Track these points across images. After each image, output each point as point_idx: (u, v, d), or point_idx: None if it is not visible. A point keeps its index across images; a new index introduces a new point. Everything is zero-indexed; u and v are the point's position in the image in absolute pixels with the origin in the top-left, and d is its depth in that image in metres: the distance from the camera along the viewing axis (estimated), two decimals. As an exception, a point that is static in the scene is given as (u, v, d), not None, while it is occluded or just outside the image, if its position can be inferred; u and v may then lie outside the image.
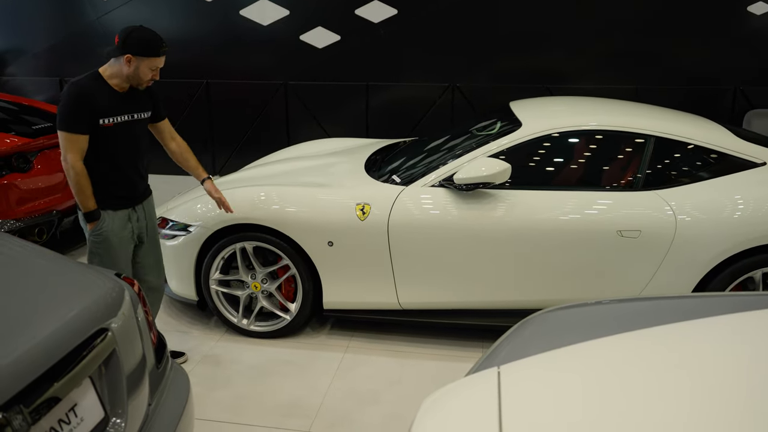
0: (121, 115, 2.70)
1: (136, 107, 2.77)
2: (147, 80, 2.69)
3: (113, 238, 2.76)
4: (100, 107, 2.62)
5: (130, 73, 2.64)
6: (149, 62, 2.64)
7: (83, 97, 2.59)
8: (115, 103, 2.68)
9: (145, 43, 2.62)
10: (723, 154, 3.12)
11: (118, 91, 2.70)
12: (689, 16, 5.52)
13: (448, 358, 3.24)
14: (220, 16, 6.30)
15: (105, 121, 2.64)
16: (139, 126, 2.82)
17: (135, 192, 2.85)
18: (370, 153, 3.93)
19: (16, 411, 1.23)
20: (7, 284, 1.65)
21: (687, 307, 1.76)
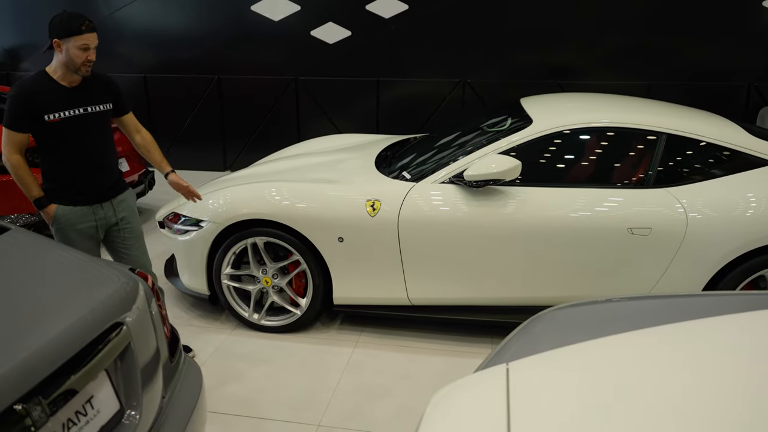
0: (69, 110, 2.67)
1: (88, 100, 2.73)
2: (82, 62, 2.61)
3: (71, 232, 2.78)
4: (42, 103, 2.61)
5: (65, 59, 2.62)
6: (75, 41, 2.58)
7: (24, 95, 2.60)
8: (61, 98, 2.66)
9: (65, 22, 2.59)
10: (735, 152, 3.11)
11: (65, 85, 2.68)
12: (702, 12, 5.48)
13: (458, 354, 3.25)
14: (232, 11, 6.33)
15: (50, 117, 2.62)
16: (94, 120, 2.76)
17: (97, 188, 2.82)
18: (380, 149, 3.94)
19: (35, 402, 1.26)
20: (24, 279, 1.69)
21: (697, 306, 1.76)
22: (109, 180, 2.88)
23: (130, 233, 2.96)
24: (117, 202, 2.90)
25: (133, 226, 2.99)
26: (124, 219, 2.93)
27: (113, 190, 2.90)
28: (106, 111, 2.83)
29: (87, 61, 2.64)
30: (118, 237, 2.94)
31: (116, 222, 2.91)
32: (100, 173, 2.82)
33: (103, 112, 2.81)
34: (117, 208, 2.90)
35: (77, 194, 2.77)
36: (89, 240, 2.85)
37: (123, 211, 2.93)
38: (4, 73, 7.18)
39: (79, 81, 2.72)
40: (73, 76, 2.68)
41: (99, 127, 2.80)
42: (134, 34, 6.62)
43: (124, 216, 2.93)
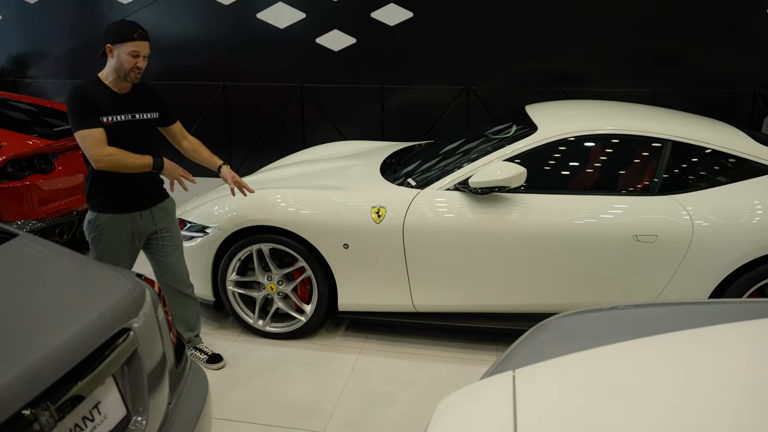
0: (121, 115, 2.73)
1: (137, 108, 2.80)
2: (131, 68, 2.67)
3: (108, 239, 2.81)
4: (98, 106, 2.67)
5: (115, 64, 2.69)
6: (126, 47, 2.65)
7: (82, 94, 2.65)
8: (114, 103, 2.72)
9: (119, 29, 2.69)
10: (741, 159, 3.10)
11: (117, 91, 2.74)
12: (707, 19, 5.48)
13: (463, 361, 3.25)
14: (237, 19, 6.37)
15: (105, 120, 2.69)
16: (143, 127, 2.82)
17: (140, 195, 2.86)
18: (385, 156, 3.95)
19: (43, 408, 1.27)
20: (32, 284, 1.70)
21: (703, 314, 1.76)
22: (150, 189, 2.92)
23: (168, 241, 3.00)
24: (156, 211, 2.93)
25: (172, 234, 3.02)
26: (163, 228, 2.96)
27: (153, 199, 2.93)
28: (152, 120, 2.88)
29: (136, 67, 2.69)
30: (157, 245, 2.97)
31: (155, 231, 2.94)
32: (142, 181, 2.84)
33: (150, 120, 2.87)
34: (156, 217, 2.93)
35: (118, 201, 2.80)
36: (127, 247, 2.87)
37: (162, 220, 2.95)
38: (11, 80, 7.23)
39: (129, 88, 2.78)
40: (124, 82, 2.74)
41: (144, 135, 2.84)
42: (141, 41, 6.65)
43: (163, 226, 2.96)
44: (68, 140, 4.47)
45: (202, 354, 3.20)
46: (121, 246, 2.85)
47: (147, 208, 2.90)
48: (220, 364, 3.18)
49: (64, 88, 7.03)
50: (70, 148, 4.48)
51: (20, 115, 4.90)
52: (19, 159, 4.16)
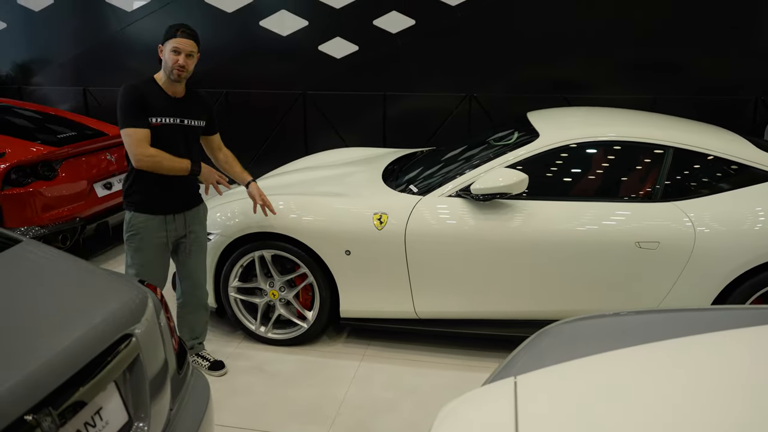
0: (170, 117, 2.78)
1: (187, 114, 2.84)
2: (173, 64, 2.71)
3: (143, 240, 2.85)
4: (150, 105, 2.72)
5: (163, 63, 2.76)
6: (169, 45, 2.72)
7: (135, 93, 2.71)
8: (165, 105, 2.77)
9: (167, 29, 2.78)
10: (743, 166, 3.10)
11: (170, 94, 2.79)
12: (709, 26, 5.50)
13: (465, 368, 3.24)
14: (241, 26, 6.41)
15: (154, 120, 2.73)
16: (189, 133, 2.87)
17: (176, 199, 2.90)
18: (387, 163, 3.96)
19: (45, 413, 1.27)
20: (35, 290, 1.70)
21: (705, 320, 1.75)
22: (186, 193, 2.95)
23: (196, 247, 3.04)
24: (190, 215, 2.97)
25: (201, 239, 3.06)
26: (192, 232, 3.00)
27: (188, 203, 2.96)
28: (199, 127, 2.93)
29: (177, 64, 2.71)
30: (184, 249, 3.01)
31: (185, 234, 2.97)
32: (181, 185, 2.88)
33: (197, 128, 2.92)
34: (188, 221, 2.96)
35: (154, 202, 2.83)
36: (160, 249, 2.90)
37: (193, 224, 2.99)
38: (15, 87, 7.28)
39: (182, 94, 2.84)
40: (176, 86, 2.79)
41: (189, 140, 2.89)
42: (145, 48, 6.70)
43: (193, 230, 3.00)
44: (72, 147, 4.50)
45: (204, 361, 3.20)
46: (154, 247, 2.88)
47: (181, 211, 2.93)
48: (222, 371, 3.18)
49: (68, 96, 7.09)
50: (74, 155, 4.51)
51: (24, 122, 4.93)
52: (23, 166, 4.18)
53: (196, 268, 3.08)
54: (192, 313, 3.13)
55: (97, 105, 7.03)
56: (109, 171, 4.76)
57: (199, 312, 3.16)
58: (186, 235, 2.98)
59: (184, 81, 2.83)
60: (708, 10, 5.46)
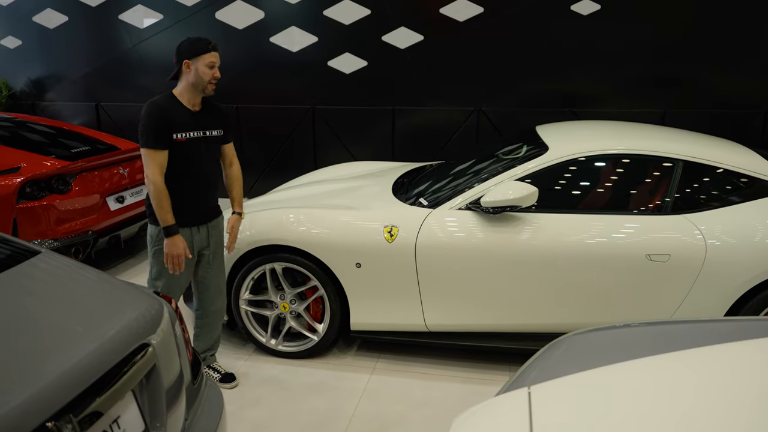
0: (194, 131, 2.82)
1: (208, 124, 2.89)
2: (208, 79, 2.77)
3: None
4: (173, 122, 2.76)
5: (193, 78, 2.78)
6: (203, 60, 2.75)
7: (159, 112, 2.74)
8: (188, 119, 2.81)
9: (194, 44, 2.79)
10: (753, 178, 3.11)
11: (190, 108, 2.83)
12: (717, 40, 5.52)
13: (475, 381, 3.23)
14: (251, 42, 6.50)
15: (178, 136, 2.77)
16: (211, 143, 2.91)
17: (201, 210, 2.93)
18: (397, 176, 3.99)
19: (66, 420, 1.29)
20: (54, 301, 1.73)
21: (718, 331, 1.75)
22: (208, 205, 2.98)
23: (216, 259, 3.07)
24: (212, 227, 3.00)
25: (221, 249, 3.09)
26: (214, 243, 3.03)
27: (211, 215, 3.00)
28: (219, 137, 2.97)
29: (213, 78, 2.78)
30: (207, 259, 3.03)
31: (207, 245, 3.00)
32: (206, 196, 2.93)
33: (217, 137, 2.96)
34: (211, 232, 3.00)
35: (182, 215, 2.85)
36: (186, 261, 2.91)
37: (215, 235, 3.03)
38: (29, 102, 7.39)
39: (200, 106, 2.87)
40: (197, 98, 2.83)
41: (211, 151, 2.94)
42: (157, 64, 6.80)
43: (215, 241, 3.03)
44: (85, 161, 4.56)
45: (215, 373, 3.21)
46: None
47: (204, 223, 2.96)
48: (233, 383, 3.19)
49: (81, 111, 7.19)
50: (87, 169, 4.57)
51: (38, 136, 5.01)
52: (38, 180, 4.24)
53: (217, 278, 3.10)
54: (211, 324, 3.16)
55: (110, 120, 7.12)
56: (121, 185, 4.81)
57: (217, 323, 3.19)
58: (208, 245, 3.01)
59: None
60: (717, 23, 5.48)
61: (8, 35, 7.30)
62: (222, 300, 3.17)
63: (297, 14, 6.33)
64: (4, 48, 7.35)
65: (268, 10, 6.40)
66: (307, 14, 6.30)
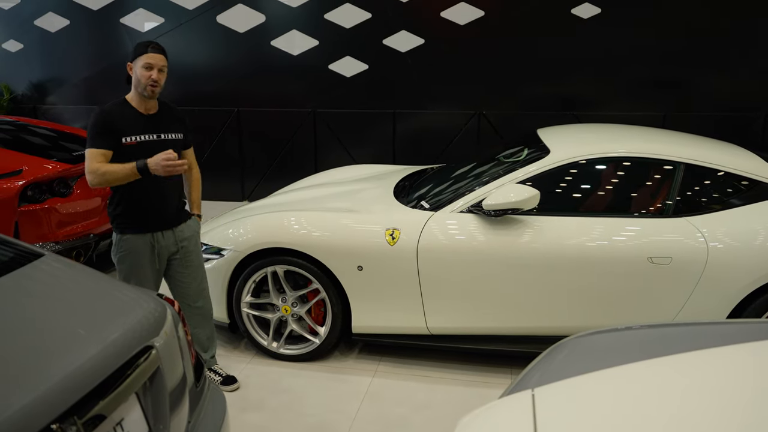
0: (145, 135, 2.79)
1: (162, 128, 2.86)
2: (146, 80, 2.72)
3: (133, 259, 2.85)
4: (120, 126, 2.74)
5: (134, 80, 2.77)
6: (140, 61, 2.73)
7: (102, 117, 2.73)
8: (138, 123, 2.78)
9: (135, 47, 2.80)
10: (754, 181, 3.11)
11: (142, 112, 2.81)
12: (718, 42, 5.53)
13: (477, 384, 3.23)
14: (252, 46, 6.51)
15: (127, 140, 2.74)
16: (165, 147, 2.82)
17: (163, 216, 2.90)
18: (398, 179, 3.99)
19: (70, 422, 1.29)
20: (58, 303, 1.73)
21: (721, 333, 1.75)
22: (173, 208, 2.95)
23: (189, 259, 3.01)
24: (179, 231, 2.97)
25: (194, 252, 3.04)
26: (183, 247, 2.99)
27: (175, 220, 2.96)
28: (177, 140, 2.94)
29: (150, 79, 2.73)
30: (177, 264, 3.00)
31: (176, 251, 2.97)
32: (165, 200, 2.89)
33: (174, 141, 2.92)
34: (177, 237, 2.96)
35: (139, 221, 2.84)
36: (151, 267, 2.90)
37: (184, 240, 2.99)
38: (31, 106, 7.40)
39: (155, 109, 2.86)
40: (148, 102, 2.82)
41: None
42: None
43: (184, 245, 2.99)
44: (87, 164, 4.56)
45: (216, 376, 3.21)
46: (145, 266, 2.88)
47: (169, 228, 2.93)
48: (234, 386, 3.19)
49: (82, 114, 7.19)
50: (89, 172, 4.57)
51: (40, 140, 5.01)
52: (39, 183, 4.24)
53: (193, 281, 3.05)
54: (201, 324, 3.12)
55: (111, 123, 7.12)
56: (122, 188, 4.81)
57: (204, 325, 3.14)
58: (177, 251, 2.97)
59: (156, 96, 2.84)
60: (716, 26, 5.50)
61: (10, 39, 7.32)
62: (204, 300, 3.12)
63: (298, 18, 6.35)
64: (6, 51, 7.36)
65: (269, 14, 6.42)
66: (308, 18, 6.31)
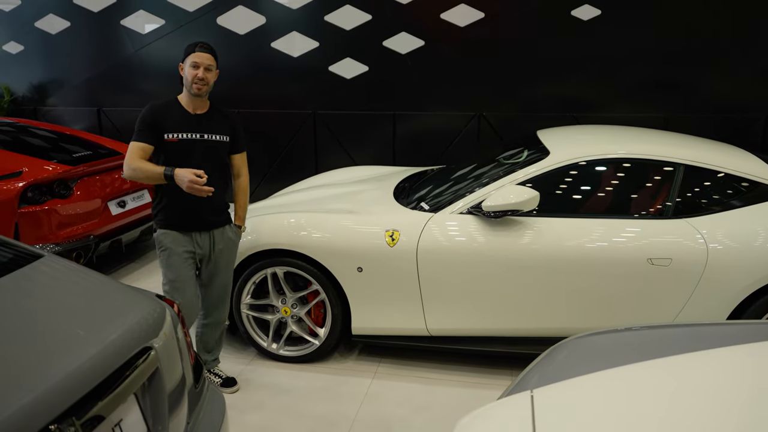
0: (188, 133, 2.83)
1: (207, 129, 2.89)
2: (192, 78, 2.79)
3: (173, 256, 2.88)
4: (165, 123, 2.80)
5: (184, 80, 2.84)
6: (188, 61, 2.82)
7: (149, 113, 2.82)
8: (183, 121, 2.83)
9: (186, 48, 2.87)
10: (754, 183, 3.11)
11: (190, 111, 2.86)
12: (719, 44, 5.53)
13: (477, 386, 3.23)
14: (252, 48, 6.51)
15: (169, 136, 2.80)
16: (210, 148, 2.88)
17: (200, 216, 2.90)
18: (398, 180, 3.99)
19: (69, 423, 1.29)
20: (57, 304, 1.73)
21: (721, 334, 1.75)
22: (212, 211, 2.94)
23: (221, 264, 3.03)
24: (217, 234, 2.97)
25: (226, 258, 3.05)
26: (219, 251, 3.00)
27: (214, 223, 2.96)
28: (222, 142, 2.94)
29: (196, 78, 2.79)
30: (211, 267, 3.01)
31: (210, 253, 2.98)
32: (204, 204, 2.87)
33: (220, 143, 2.93)
34: (215, 240, 2.97)
35: (180, 219, 2.87)
36: (189, 266, 2.92)
37: (220, 243, 2.99)
38: (31, 108, 7.40)
39: (203, 110, 2.89)
40: (197, 101, 2.86)
41: (212, 156, 2.90)
42: (158, 69, 6.82)
43: (221, 248, 3.00)
44: (87, 166, 4.56)
45: (216, 377, 3.21)
46: (184, 263, 2.90)
47: (207, 230, 2.94)
48: (233, 387, 3.18)
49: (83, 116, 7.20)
50: (89, 173, 4.57)
51: (40, 141, 5.02)
52: (40, 184, 4.24)
53: (221, 286, 3.08)
54: (212, 330, 3.15)
55: (112, 125, 7.13)
56: (122, 189, 4.82)
57: (218, 329, 3.18)
58: (211, 255, 2.98)
59: (206, 95, 2.88)
60: (718, 27, 5.50)
61: (11, 41, 7.32)
62: (222, 309, 3.15)
63: (298, 19, 6.35)
64: (7, 53, 7.37)
65: (270, 16, 6.42)
66: (308, 19, 6.32)
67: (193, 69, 2.80)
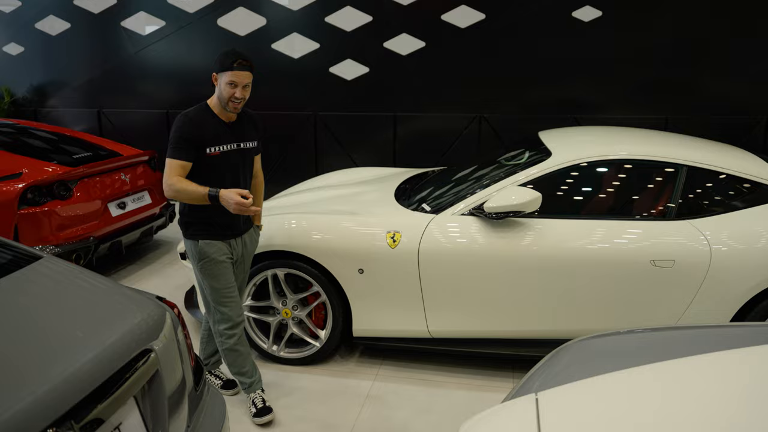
0: (227, 144, 2.72)
1: (242, 137, 2.79)
2: (228, 98, 2.64)
3: (216, 265, 2.78)
4: (205, 136, 2.66)
5: (217, 92, 2.68)
6: (226, 77, 2.62)
7: (190, 127, 2.64)
8: (221, 132, 2.71)
9: (222, 57, 2.65)
10: (757, 184, 3.10)
11: (224, 120, 2.73)
12: (719, 45, 5.52)
13: (479, 388, 3.21)
14: (253, 49, 6.50)
15: (211, 150, 2.67)
16: (244, 156, 2.81)
17: (235, 223, 2.84)
18: (399, 182, 3.98)
19: (67, 427, 1.28)
20: (57, 306, 1.72)
21: (724, 337, 1.74)
22: (246, 218, 2.90)
23: (245, 267, 3.01)
24: (247, 237, 2.95)
25: (249, 262, 3.03)
26: (249, 253, 2.99)
27: (245, 226, 2.93)
28: (254, 149, 2.88)
29: (234, 97, 2.64)
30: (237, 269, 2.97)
31: (240, 254, 2.93)
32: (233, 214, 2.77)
33: (252, 150, 2.87)
34: (246, 242, 2.94)
35: (219, 228, 2.78)
36: (232, 272, 2.86)
37: (249, 244, 2.98)
38: (32, 109, 7.40)
39: (235, 117, 2.77)
40: (227, 111, 2.71)
41: (246, 163, 2.85)
42: (158, 71, 6.81)
43: (250, 250, 2.99)
44: (87, 167, 4.55)
45: (217, 380, 3.19)
46: (228, 270, 2.82)
47: (240, 234, 2.89)
48: (234, 390, 3.17)
49: (83, 117, 7.19)
50: (89, 175, 4.56)
51: (40, 142, 5.00)
52: (39, 185, 4.23)
53: (240, 286, 3.05)
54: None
55: (112, 126, 7.13)
56: (122, 191, 4.81)
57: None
58: (241, 257, 2.95)
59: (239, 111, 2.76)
60: (718, 29, 5.49)
61: (11, 42, 7.32)
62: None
63: (298, 21, 6.35)
64: (7, 55, 7.37)
65: (270, 17, 6.42)
66: (308, 21, 6.32)
67: (231, 87, 2.62)
